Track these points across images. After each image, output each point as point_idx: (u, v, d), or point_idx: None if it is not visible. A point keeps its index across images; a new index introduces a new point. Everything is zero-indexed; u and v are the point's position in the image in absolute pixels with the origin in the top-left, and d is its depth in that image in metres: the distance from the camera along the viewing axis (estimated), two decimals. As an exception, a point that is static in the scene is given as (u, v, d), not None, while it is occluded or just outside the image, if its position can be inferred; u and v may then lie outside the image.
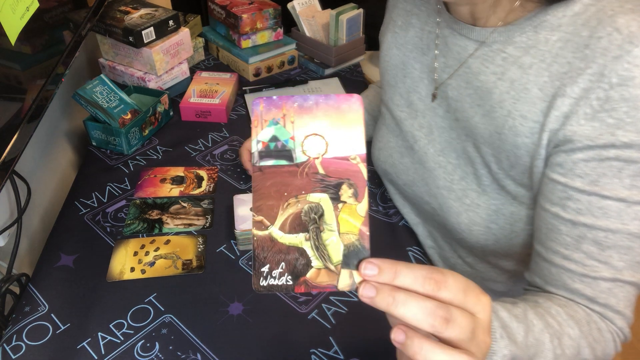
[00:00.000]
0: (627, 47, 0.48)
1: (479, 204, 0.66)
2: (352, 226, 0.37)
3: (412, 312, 0.34)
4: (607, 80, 0.49)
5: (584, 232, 0.53)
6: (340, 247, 0.37)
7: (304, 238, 0.37)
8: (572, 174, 0.53)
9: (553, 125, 0.54)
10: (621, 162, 0.50)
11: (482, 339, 0.36)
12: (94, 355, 0.63)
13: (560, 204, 0.55)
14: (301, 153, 0.38)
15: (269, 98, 0.38)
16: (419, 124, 0.73)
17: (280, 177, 0.37)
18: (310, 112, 0.38)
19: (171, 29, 1.10)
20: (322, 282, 0.36)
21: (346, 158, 0.37)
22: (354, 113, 0.37)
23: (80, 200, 0.87)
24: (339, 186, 0.37)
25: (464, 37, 0.63)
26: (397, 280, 0.35)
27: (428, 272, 0.35)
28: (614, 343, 0.55)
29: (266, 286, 0.37)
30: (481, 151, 0.64)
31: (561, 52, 0.53)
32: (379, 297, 0.35)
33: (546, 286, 0.58)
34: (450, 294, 0.35)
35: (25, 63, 0.69)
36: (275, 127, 0.38)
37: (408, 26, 0.73)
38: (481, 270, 0.75)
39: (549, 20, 0.55)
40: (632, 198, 0.51)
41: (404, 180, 0.79)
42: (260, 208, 0.37)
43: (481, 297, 0.37)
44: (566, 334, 0.52)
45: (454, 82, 0.66)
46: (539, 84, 0.55)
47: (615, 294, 0.53)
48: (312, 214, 0.37)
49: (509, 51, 0.58)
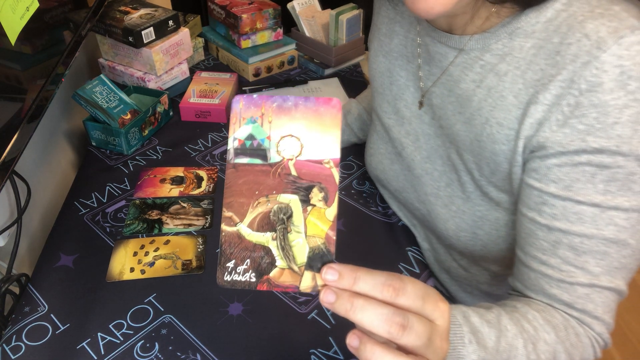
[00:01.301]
0: (595, 53, 0.48)
1: (465, 211, 0.67)
2: (320, 230, 0.37)
3: (369, 318, 0.35)
4: (576, 86, 0.49)
5: (560, 237, 0.53)
6: (305, 249, 0.37)
7: (271, 237, 0.37)
8: (547, 179, 0.53)
9: (527, 132, 0.54)
10: (593, 167, 0.50)
11: (439, 345, 0.37)
12: (94, 356, 0.63)
13: (536, 209, 0.55)
14: (276, 153, 0.38)
15: (249, 96, 0.38)
16: (406, 131, 0.73)
17: (253, 176, 0.38)
18: (289, 113, 0.38)
19: (171, 29, 1.10)
20: (284, 282, 0.37)
21: (320, 162, 0.37)
22: (331, 117, 0.37)
23: (80, 200, 0.87)
24: (310, 189, 0.37)
25: (444, 45, 0.63)
26: (356, 286, 0.36)
27: (387, 279, 0.36)
28: (592, 349, 0.55)
29: (230, 281, 0.37)
30: (464, 158, 0.64)
31: (534, 59, 0.53)
32: (337, 303, 0.35)
33: (526, 291, 0.58)
34: (408, 301, 0.36)
35: (25, 63, 0.69)
36: (252, 126, 0.38)
37: (392, 34, 0.73)
38: (475, 274, 0.76)
39: (522, 27, 0.55)
40: (606, 203, 0.50)
41: (394, 187, 0.79)
42: (231, 204, 0.38)
43: (439, 304, 0.37)
44: (542, 339, 0.51)
45: (437, 89, 0.66)
46: (514, 91, 0.55)
47: (593, 299, 0.53)
48: (280, 214, 0.38)
49: (486, 58, 0.58)
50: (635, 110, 0.48)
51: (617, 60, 0.47)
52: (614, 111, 0.48)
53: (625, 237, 0.51)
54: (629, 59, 0.47)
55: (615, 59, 0.47)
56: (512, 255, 0.66)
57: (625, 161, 0.49)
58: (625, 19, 0.48)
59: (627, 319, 1.53)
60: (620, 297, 0.55)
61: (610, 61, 0.47)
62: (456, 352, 0.47)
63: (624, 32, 0.47)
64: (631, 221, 0.51)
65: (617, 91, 0.48)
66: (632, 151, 0.49)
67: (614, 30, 0.48)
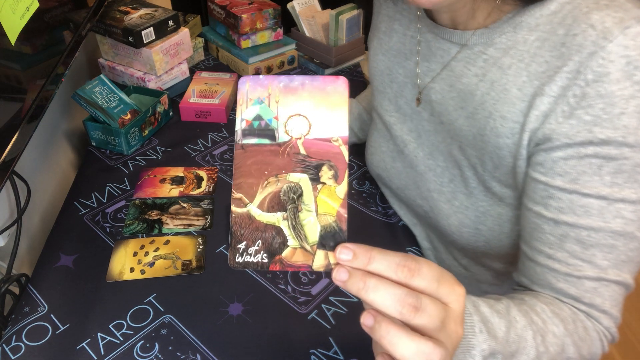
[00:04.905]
0: (601, 43, 0.48)
1: (468, 206, 0.67)
2: (330, 207, 0.37)
3: (382, 298, 0.34)
4: (582, 77, 0.49)
5: (567, 231, 0.53)
6: (317, 227, 0.37)
7: (282, 217, 0.37)
8: (553, 172, 0.53)
9: (533, 125, 0.54)
10: (600, 159, 0.50)
11: (453, 329, 0.37)
12: (94, 356, 0.63)
13: (542, 203, 0.55)
14: (284, 133, 0.38)
15: (256, 77, 0.38)
16: (408, 128, 0.73)
17: (261, 156, 0.38)
18: (296, 92, 0.38)
19: (171, 29, 1.10)
20: (297, 261, 0.37)
21: (328, 140, 0.37)
22: (338, 95, 0.37)
23: (79, 200, 0.87)
24: (319, 167, 0.37)
25: (446, 41, 0.63)
26: (370, 266, 0.35)
27: (402, 259, 0.35)
28: (600, 342, 0.54)
29: (242, 262, 0.37)
30: (466, 153, 0.64)
31: (539, 52, 0.53)
32: (350, 282, 0.35)
33: (532, 286, 0.58)
34: (424, 283, 0.35)
35: (25, 63, 0.69)
36: (260, 106, 0.38)
37: (391, 32, 0.73)
38: (476, 273, 0.76)
39: (526, 20, 0.55)
40: (613, 195, 0.50)
41: (396, 184, 0.79)
42: (240, 185, 0.37)
43: (455, 287, 0.37)
44: (550, 331, 0.51)
45: (437, 85, 0.66)
46: (518, 84, 0.55)
47: (601, 293, 0.53)
48: (290, 193, 0.37)
49: (490, 52, 0.58)
50: None
51: (624, 51, 0.47)
52: (620, 101, 0.48)
53: (632, 229, 0.51)
54: (635, 49, 0.47)
55: (622, 49, 0.47)
56: (514, 251, 0.66)
57: (632, 152, 0.49)
58: (631, 9, 0.48)
59: (627, 319, 1.53)
60: (627, 290, 0.54)
61: (616, 51, 0.47)
62: (466, 340, 0.46)
63: (630, 22, 0.47)
64: (638, 213, 0.51)
65: (623, 81, 0.48)
66: (638, 142, 0.49)
67: (620, 21, 0.48)
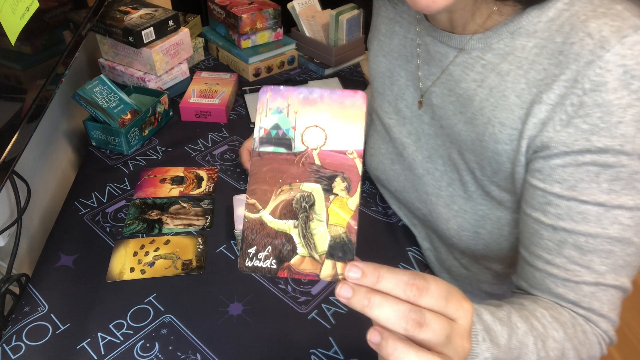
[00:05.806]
0: (598, 52, 0.48)
1: (466, 210, 0.67)
2: (341, 219, 0.37)
3: (386, 314, 0.35)
4: (580, 86, 0.49)
5: (565, 237, 0.53)
6: (326, 237, 0.37)
7: (293, 225, 0.38)
8: (551, 179, 0.53)
9: (531, 132, 0.54)
10: (598, 167, 0.50)
11: (460, 344, 0.37)
12: (94, 356, 0.63)
13: (540, 210, 0.55)
14: (300, 143, 0.38)
15: (276, 87, 0.39)
16: (407, 131, 0.73)
17: (277, 164, 0.38)
18: (314, 104, 0.39)
19: (171, 29, 1.10)
20: (305, 269, 0.37)
21: (343, 152, 0.38)
22: (356, 109, 0.38)
23: (80, 200, 0.87)
24: (332, 178, 0.38)
25: (444, 45, 0.63)
26: (379, 284, 0.35)
27: (410, 277, 0.35)
28: (599, 346, 0.55)
29: (251, 267, 0.38)
30: (465, 158, 0.64)
31: (537, 59, 0.53)
32: (354, 299, 0.35)
33: (531, 290, 0.58)
34: (432, 301, 0.35)
35: (25, 63, 0.69)
36: (279, 116, 0.39)
37: (392, 34, 0.73)
38: (476, 272, 0.76)
39: (524, 26, 0.55)
40: (610, 202, 0.51)
41: (395, 187, 0.79)
42: (254, 191, 0.38)
43: (463, 304, 0.37)
44: (550, 336, 0.52)
45: (437, 89, 0.66)
46: (517, 91, 0.55)
47: (599, 297, 0.54)
48: (303, 202, 0.38)
49: (488, 58, 0.58)
50: (638, 110, 0.48)
51: (621, 60, 0.47)
52: (617, 110, 0.48)
53: (629, 235, 0.51)
54: (632, 58, 0.47)
55: (619, 59, 0.47)
56: (514, 254, 0.66)
57: (629, 160, 0.49)
58: (628, 18, 0.48)
59: (627, 319, 1.53)
60: (625, 294, 0.55)
61: (613, 60, 0.47)
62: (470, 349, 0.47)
63: (627, 31, 0.47)
64: (635, 219, 0.51)
65: (620, 90, 0.48)
66: (635, 150, 0.49)
67: (617, 30, 0.48)
